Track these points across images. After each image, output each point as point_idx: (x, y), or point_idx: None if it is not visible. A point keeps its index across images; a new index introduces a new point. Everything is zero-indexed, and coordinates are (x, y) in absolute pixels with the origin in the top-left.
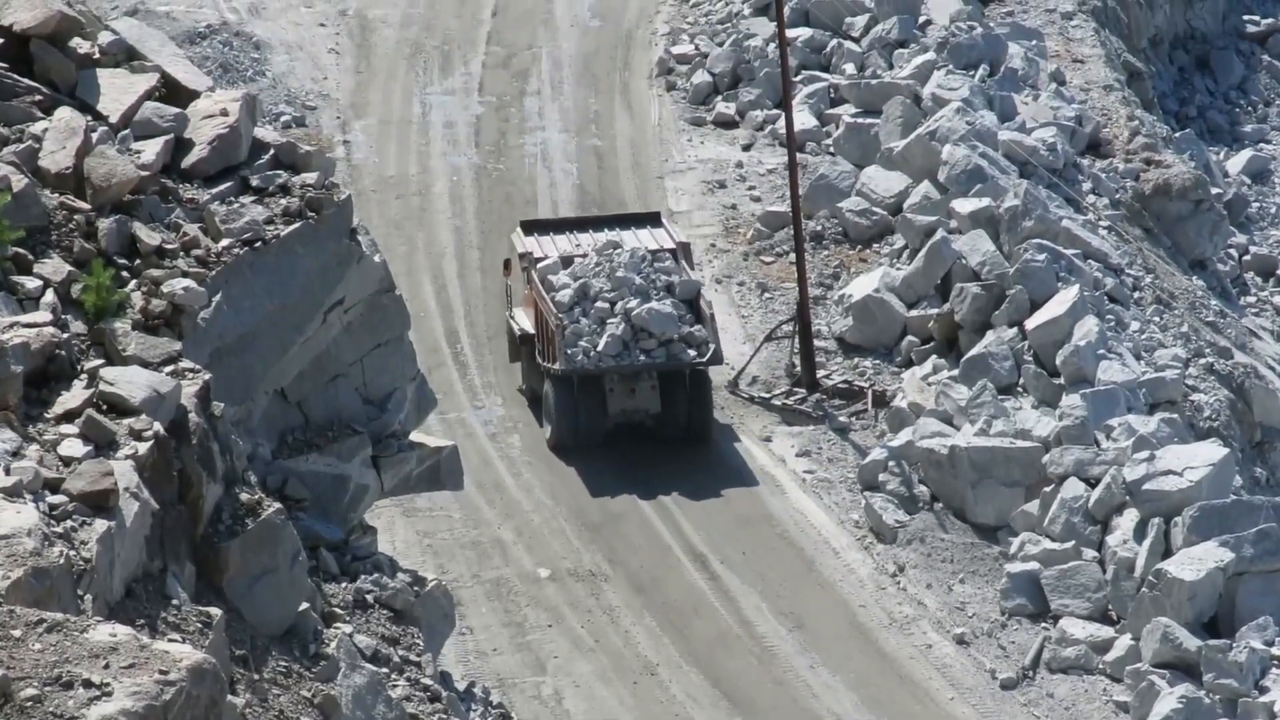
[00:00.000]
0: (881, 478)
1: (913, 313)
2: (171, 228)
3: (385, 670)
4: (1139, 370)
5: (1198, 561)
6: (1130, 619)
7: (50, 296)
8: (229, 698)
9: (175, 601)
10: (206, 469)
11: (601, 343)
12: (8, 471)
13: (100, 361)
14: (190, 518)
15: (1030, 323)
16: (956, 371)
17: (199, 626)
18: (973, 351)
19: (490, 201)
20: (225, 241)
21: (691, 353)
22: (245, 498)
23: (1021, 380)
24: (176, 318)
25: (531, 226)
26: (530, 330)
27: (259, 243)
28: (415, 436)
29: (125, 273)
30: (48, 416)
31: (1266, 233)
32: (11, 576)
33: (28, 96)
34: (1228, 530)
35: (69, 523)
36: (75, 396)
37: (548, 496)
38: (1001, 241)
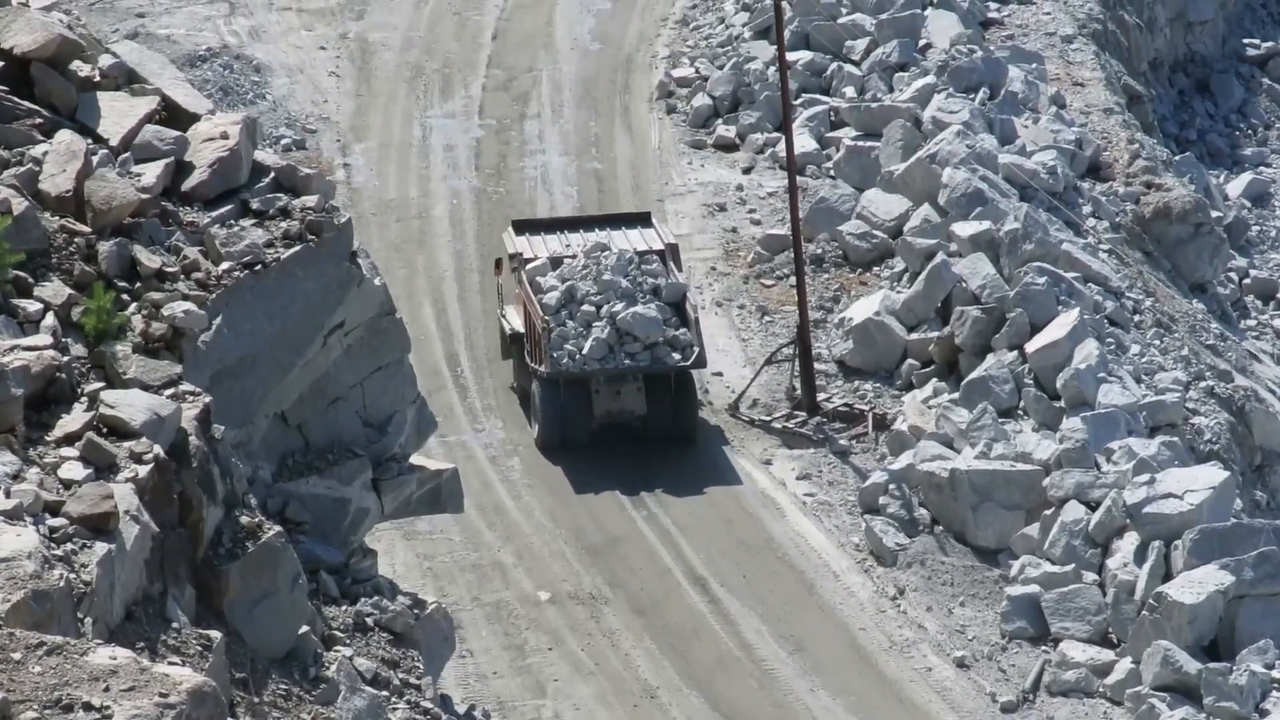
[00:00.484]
0: (882, 501)
1: (913, 336)
2: (172, 251)
3: (385, 693)
4: (1139, 393)
5: (1198, 585)
6: (1131, 642)
7: (51, 319)
8: None
9: (175, 624)
10: (207, 492)
11: (587, 346)
12: (8, 494)
13: (100, 384)
14: (190, 540)
15: (1030, 346)
16: (957, 395)
17: (199, 649)
18: (973, 375)
19: (490, 225)
20: (225, 264)
21: (676, 356)
22: (245, 521)
23: (1022, 403)
24: (177, 341)
25: (523, 226)
26: (520, 329)
27: (259, 266)
28: (416, 459)
29: (125, 296)
30: (48, 439)
31: (1267, 256)
32: (12, 599)
33: (28, 119)
34: (1228, 553)
35: (69, 545)
36: (75, 419)
37: (548, 519)
38: (1002, 265)
